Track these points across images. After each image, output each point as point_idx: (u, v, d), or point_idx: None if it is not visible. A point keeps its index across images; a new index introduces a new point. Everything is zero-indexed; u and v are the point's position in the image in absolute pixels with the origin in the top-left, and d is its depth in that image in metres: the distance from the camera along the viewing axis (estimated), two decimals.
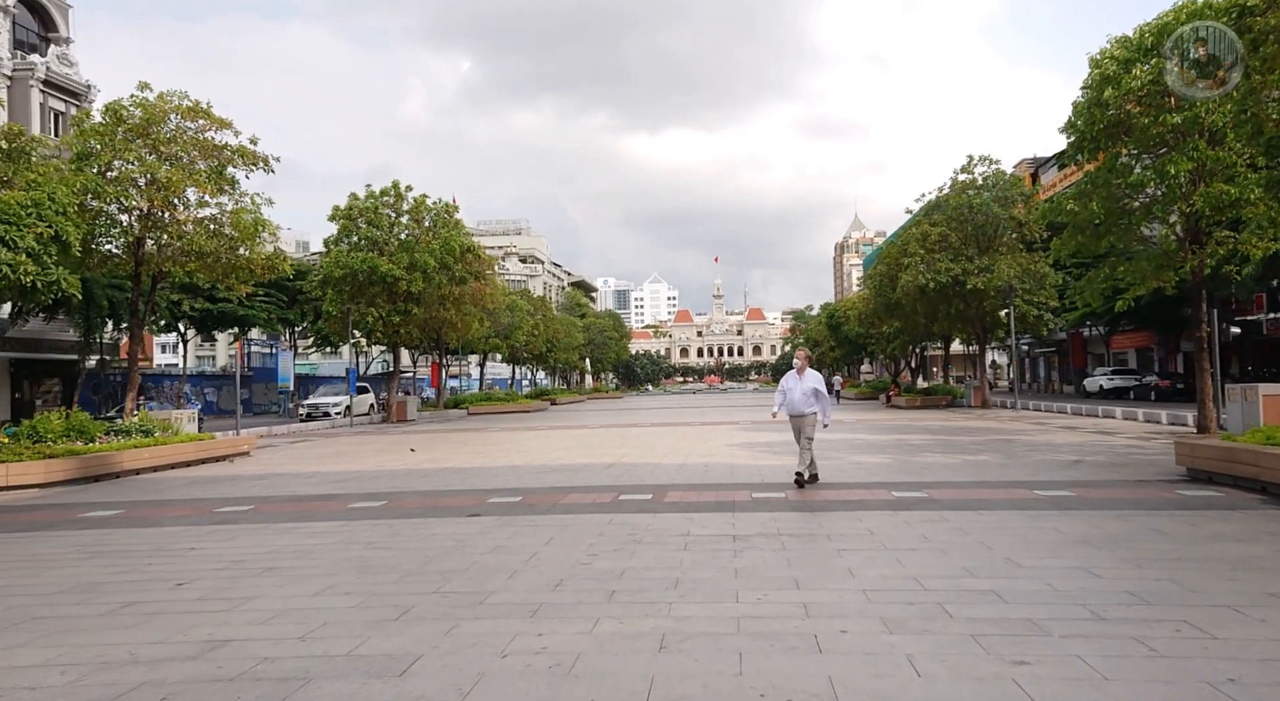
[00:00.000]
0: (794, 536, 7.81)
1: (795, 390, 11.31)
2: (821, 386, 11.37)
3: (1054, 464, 13.59)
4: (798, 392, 11.28)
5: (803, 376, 11.37)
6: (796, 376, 11.43)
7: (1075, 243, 20.40)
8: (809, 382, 11.30)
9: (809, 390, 11.24)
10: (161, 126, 20.13)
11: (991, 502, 9.59)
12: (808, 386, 11.27)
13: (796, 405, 11.27)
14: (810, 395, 11.24)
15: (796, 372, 11.48)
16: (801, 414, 11.25)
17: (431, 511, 10.04)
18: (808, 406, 11.23)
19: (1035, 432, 20.78)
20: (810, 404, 11.24)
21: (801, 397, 11.25)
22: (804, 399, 11.23)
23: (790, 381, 11.49)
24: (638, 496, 10.80)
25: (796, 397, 11.28)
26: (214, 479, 14.85)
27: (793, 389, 11.35)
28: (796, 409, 11.28)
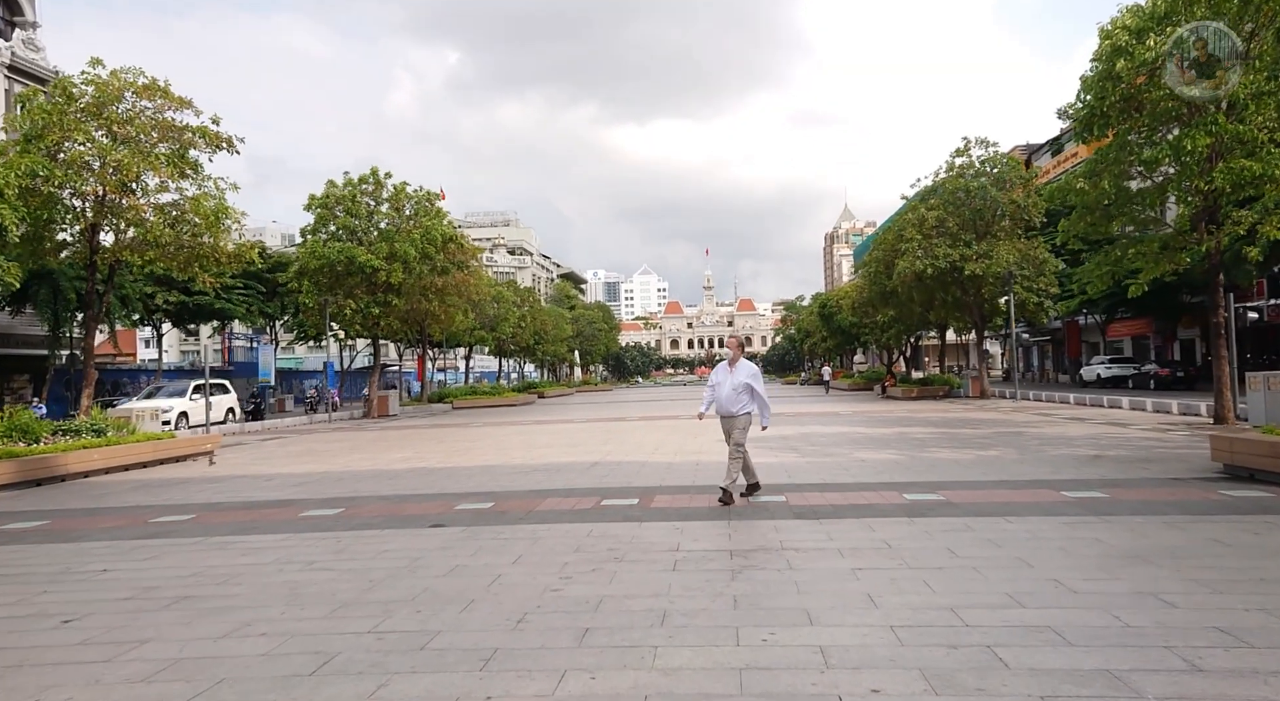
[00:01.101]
0: (800, 551, 6.77)
1: (725, 385, 9.40)
2: (758, 382, 9.39)
3: (1073, 459, 12.59)
4: (726, 388, 9.36)
5: (735, 369, 9.46)
6: (727, 369, 9.52)
7: (1084, 224, 19.41)
8: (741, 376, 9.35)
9: (740, 385, 9.31)
10: (116, 106, 18.90)
11: (1016, 506, 8.56)
12: (739, 381, 9.32)
13: (724, 404, 9.36)
14: (742, 391, 9.31)
15: (728, 364, 9.56)
16: (731, 414, 9.35)
17: (390, 521, 8.96)
18: (738, 405, 9.32)
19: (1043, 424, 19.81)
20: (742, 402, 9.31)
21: (731, 394, 9.32)
22: (734, 396, 9.32)
23: (719, 375, 9.58)
24: (622, 501, 9.74)
25: (725, 394, 9.36)
26: (165, 482, 13.72)
27: (721, 384, 9.46)
28: (725, 408, 9.39)
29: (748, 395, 9.33)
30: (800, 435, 18.75)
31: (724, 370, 9.56)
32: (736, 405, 9.32)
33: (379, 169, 35.92)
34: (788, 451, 15.07)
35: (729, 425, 9.40)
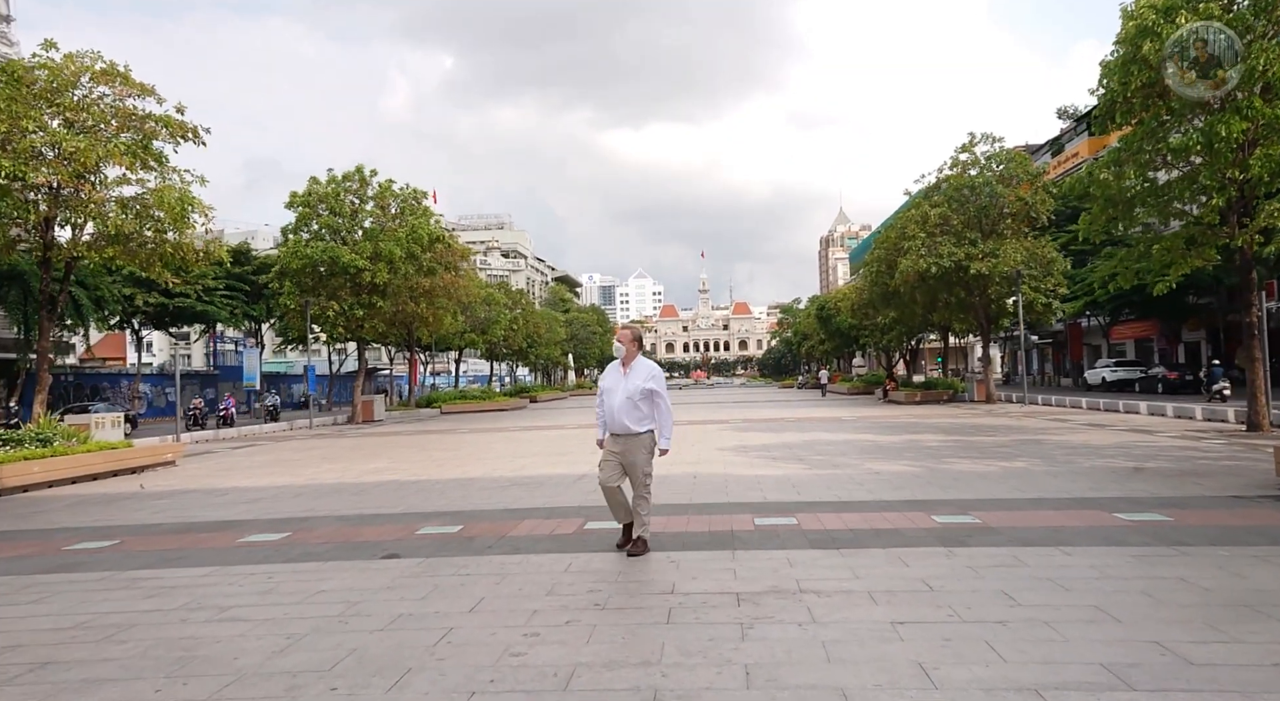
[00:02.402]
0: (822, 595, 5.53)
1: (617, 392, 6.88)
2: (660, 385, 6.95)
3: (1110, 472, 11.37)
4: (619, 396, 6.85)
5: (629, 370, 6.96)
6: (619, 371, 7.02)
7: (1106, 218, 18.21)
8: (638, 379, 6.88)
9: (637, 392, 6.82)
10: (71, 91, 17.63)
11: (1068, 533, 7.33)
12: (636, 385, 6.84)
13: (617, 417, 6.84)
14: (641, 400, 6.83)
15: (620, 364, 7.05)
16: (629, 433, 6.82)
17: (338, 550, 7.70)
18: (637, 420, 6.82)
19: (1061, 431, 18.59)
20: (640, 416, 6.85)
21: (626, 405, 6.80)
22: (629, 407, 6.81)
23: (611, 378, 7.04)
24: (609, 524, 8.46)
25: (618, 404, 6.83)
26: (108, 498, 12.45)
27: (613, 390, 6.93)
28: (618, 423, 6.85)
29: (648, 404, 6.89)
30: (804, 443, 17.52)
31: (615, 372, 7.03)
32: (634, 419, 6.82)
33: (364, 166, 34.66)
34: (793, 461, 13.84)
35: (626, 448, 6.84)
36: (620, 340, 7.19)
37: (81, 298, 34.44)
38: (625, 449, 6.87)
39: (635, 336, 7.28)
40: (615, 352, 7.17)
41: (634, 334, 7.31)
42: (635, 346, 7.16)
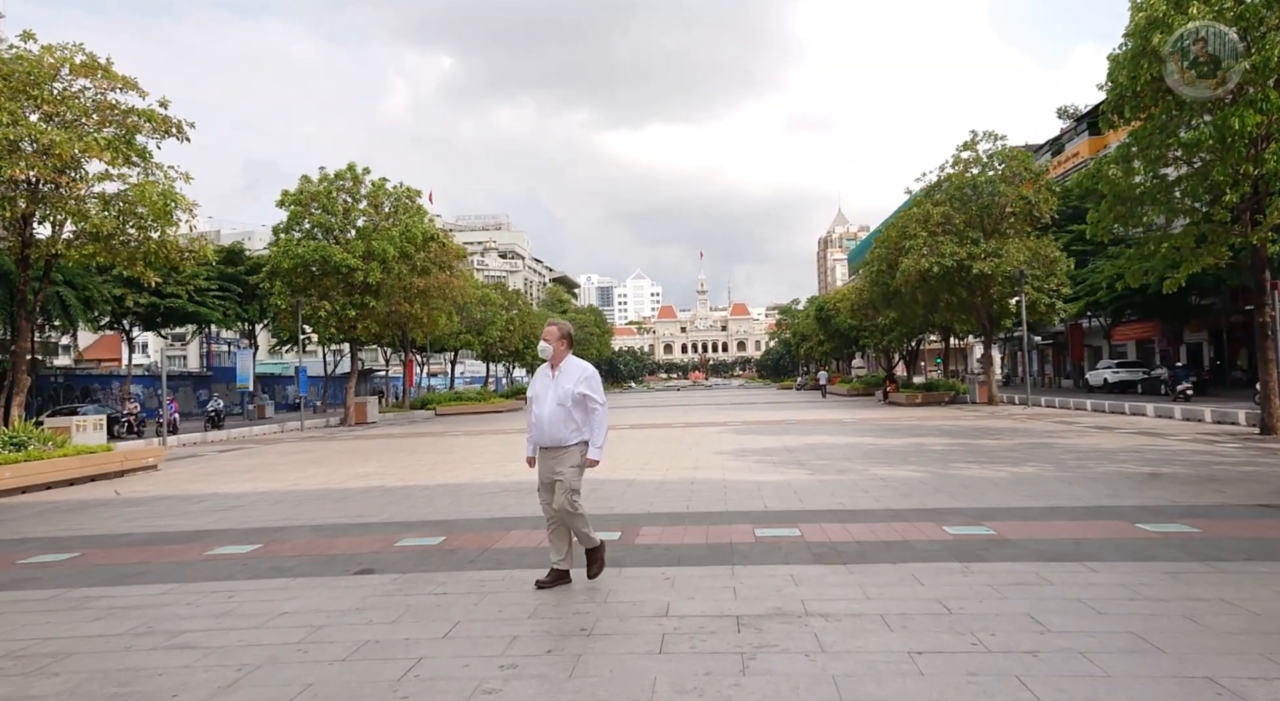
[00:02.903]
0: (831, 619, 5.03)
1: (547, 398, 5.98)
2: (594, 389, 6.00)
3: (1125, 478, 10.89)
4: (549, 403, 5.95)
5: (558, 372, 6.05)
6: (547, 374, 6.10)
7: (1114, 215, 17.74)
8: (569, 383, 5.95)
9: (568, 397, 5.90)
10: (50, 84, 17.11)
11: (1091, 546, 6.84)
12: (568, 389, 5.93)
13: (546, 428, 5.94)
14: (574, 406, 5.92)
15: (548, 366, 6.14)
16: (560, 445, 5.93)
17: (310, 564, 7.20)
18: (570, 431, 5.92)
19: (1069, 434, 18.11)
20: (573, 426, 5.92)
21: (556, 413, 5.90)
22: (559, 416, 5.90)
23: (539, 384, 6.14)
24: (601, 535, 7.91)
25: (548, 413, 5.93)
26: (80, 505, 11.94)
27: (542, 396, 6.04)
28: (546, 434, 5.95)
29: (581, 412, 5.94)
30: (805, 446, 17.03)
31: (544, 377, 6.11)
32: (566, 429, 5.89)
33: (356, 164, 34.16)
34: (794, 466, 13.35)
35: (553, 463, 5.94)
36: (546, 338, 6.13)
37: (70, 298, 33.90)
38: (553, 465, 5.94)
39: (564, 333, 6.20)
40: (541, 353, 6.13)
41: (562, 330, 6.21)
42: (564, 345, 6.15)
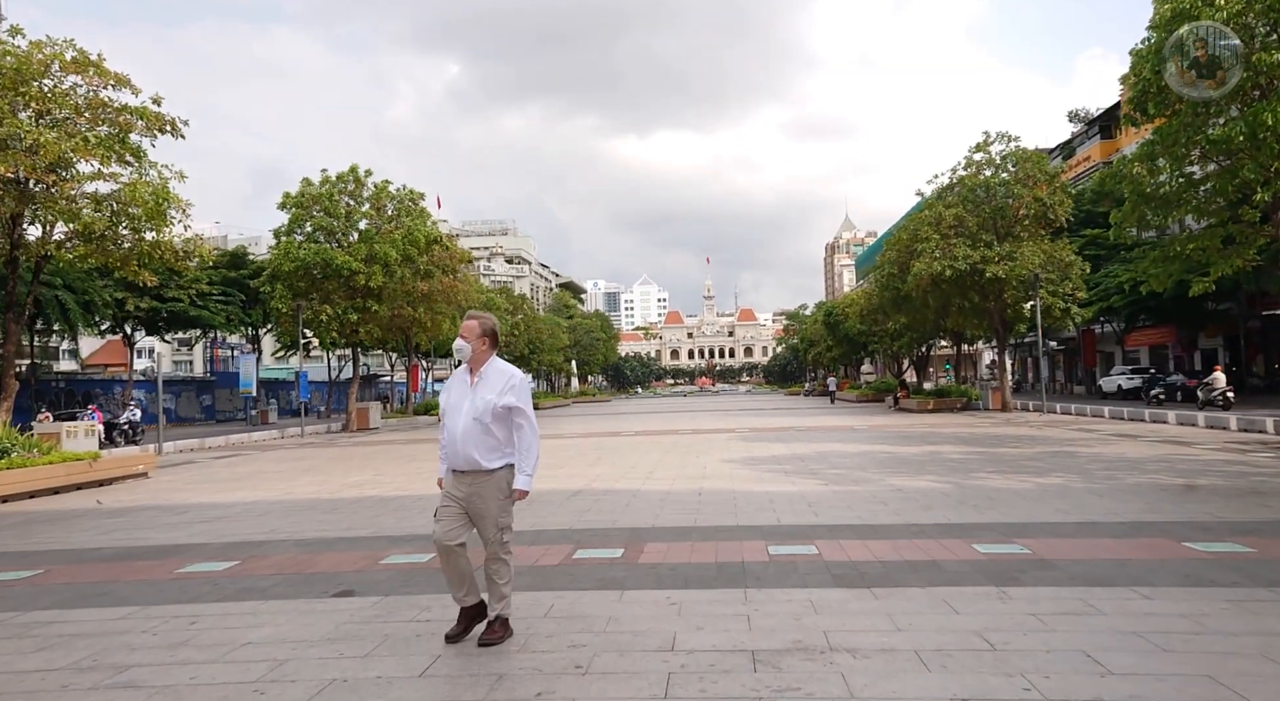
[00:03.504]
0: (859, 656, 4.45)
1: (462, 410, 4.83)
2: (522, 399, 4.84)
3: (1161, 491, 10.27)
4: (464, 417, 4.79)
5: (478, 378, 4.86)
6: (465, 379, 4.92)
7: (1138, 215, 17.13)
8: (490, 392, 4.80)
9: (489, 410, 4.76)
10: (40, 81, 16.64)
11: (1139, 569, 6.24)
12: (487, 402, 4.77)
13: (462, 448, 4.78)
14: (495, 421, 4.79)
15: (466, 369, 4.94)
16: (477, 469, 4.78)
17: (287, 583, 6.64)
18: (488, 451, 4.79)
19: (1091, 442, 17.46)
20: (493, 444, 4.81)
21: (472, 429, 4.76)
22: (477, 432, 4.76)
23: (456, 391, 4.94)
24: (601, 552, 7.43)
25: (461, 428, 4.78)
26: (60, 516, 11.42)
27: (456, 407, 4.88)
28: (464, 457, 4.79)
29: (505, 428, 4.81)
30: (816, 454, 16.44)
31: (460, 383, 4.93)
32: (484, 450, 4.76)
33: (359, 166, 33.70)
34: (806, 476, 12.75)
35: (473, 492, 4.79)
36: (464, 335, 4.85)
37: (69, 302, 33.49)
38: (472, 493, 4.77)
39: (485, 329, 4.88)
40: (457, 354, 4.85)
41: (483, 325, 4.88)
42: (486, 344, 4.87)
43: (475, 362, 4.90)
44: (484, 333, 4.91)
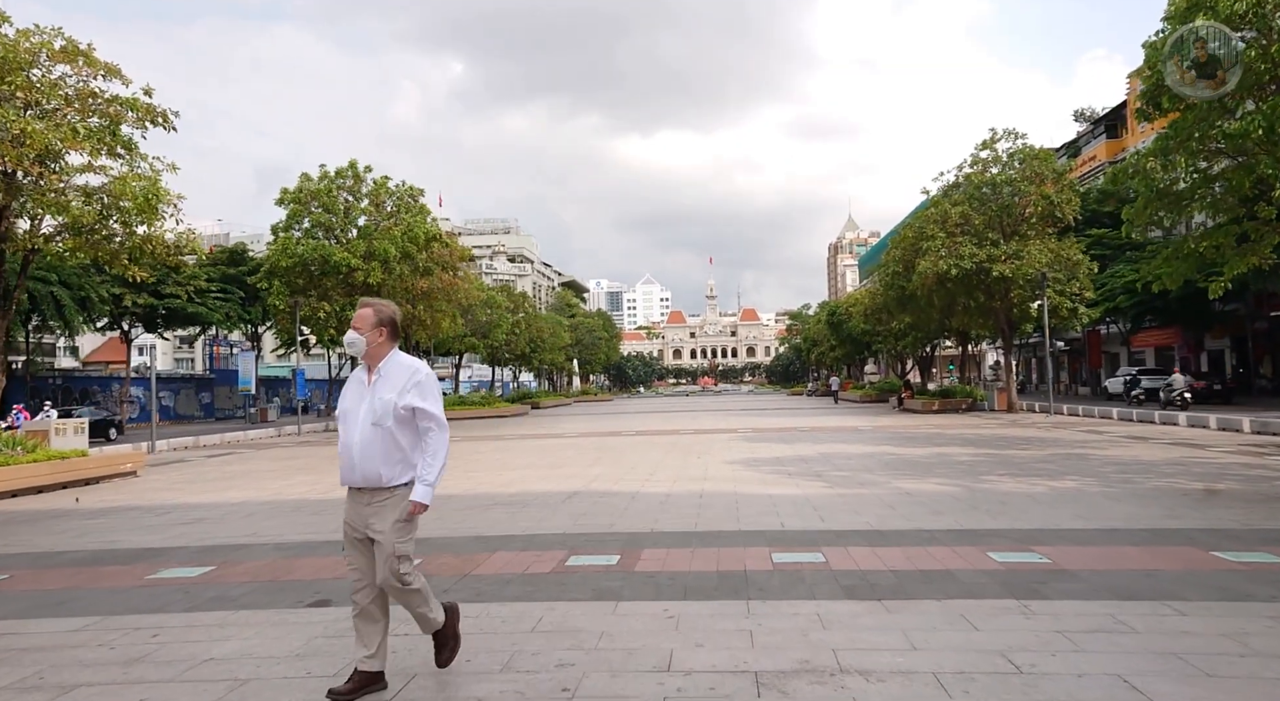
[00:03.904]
0: (872, 679, 4.06)
1: (359, 415, 4.08)
2: (428, 399, 4.08)
3: (1180, 496, 9.87)
4: (362, 422, 4.05)
5: (376, 375, 4.13)
6: (363, 378, 4.18)
7: (1150, 212, 16.71)
8: (392, 389, 4.05)
9: (389, 413, 4.01)
10: (28, 71, 16.27)
11: (1168, 581, 5.84)
12: (387, 402, 4.02)
13: (359, 459, 4.03)
14: (398, 427, 4.04)
15: (364, 369, 4.21)
16: (376, 486, 4.02)
17: (258, 591, 6.25)
18: (393, 463, 4.03)
19: (1102, 444, 17.05)
20: (397, 456, 4.05)
21: (371, 437, 4.02)
22: (376, 439, 4.02)
23: (352, 392, 4.19)
24: (596, 559, 7.04)
25: (358, 437, 4.04)
26: (37, 516, 11.04)
27: (352, 411, 4.13)
28: (359, 470, 4.03)
29: (410, 435, 4.08)
30: (820, 455, 16.04)
31: (357, 383, 4.19)
32: (387, 461, 4.01)
33: (357, 162, 33.34)
34: (810, 478, 12.36)
35: (367, 513, 4.04)
36: (357, 325, 4.11)
37: (64, 298, 33.15)
38: (370, 514, 4.01)
39: (383, 318, 4.13)
40: (348, 348, 4.14)
41: (379, 313, 4.13)
42: (383, 335, 4.12)
43: (372, 358, 4.15)
44: (381, 322, 4.15)
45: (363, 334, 4.13)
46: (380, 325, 4.15)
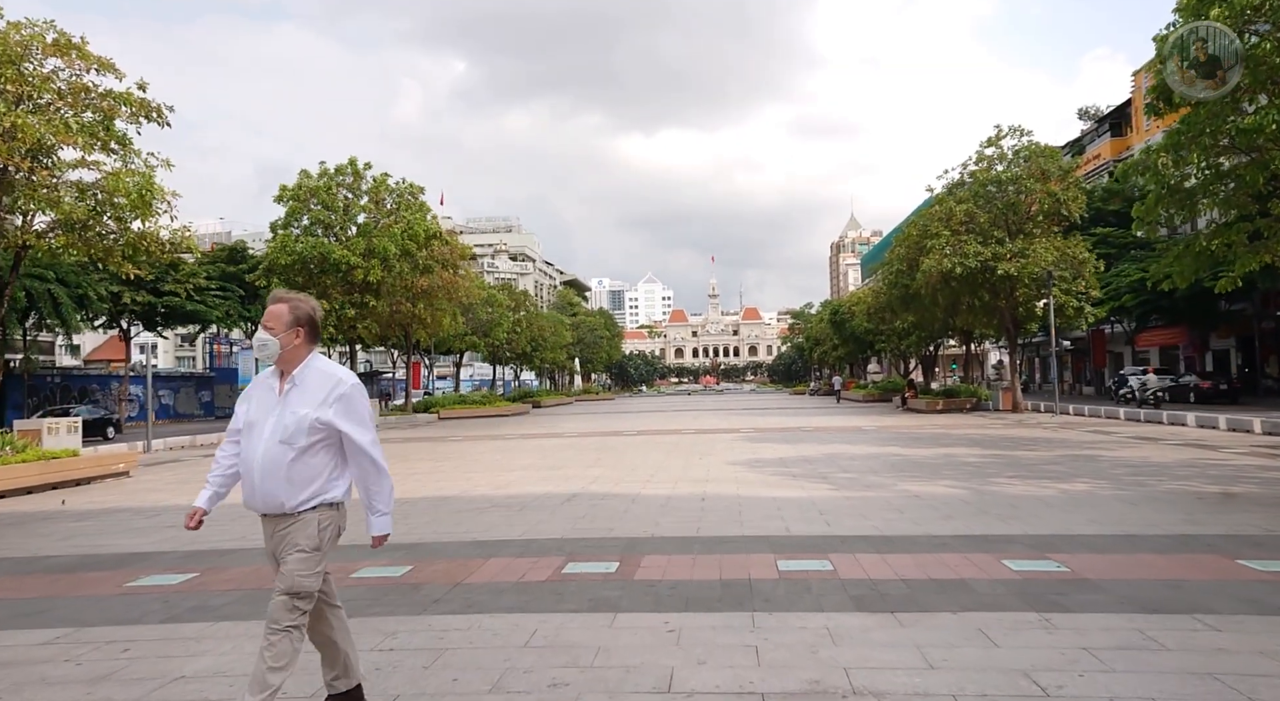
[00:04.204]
0: (886, 700, 3.79)
1: (264, 431, 3.42)
2: (353, 416, 3.49)
3: (1196, 499, 9.58)
4: (267, 438, 3.40)
5: (291, 381, 3.47)
6: (273, 384, 3.52)
7: (1161, 209, 16.41)
8: (308, 403, 3.41)
9: (302, 428, 3.38)
10: (17, 64, 16.00)
11: (1195, 592, 5.56)
12: (299, 416, 3.39)
13: (259, 480, 3.41)
14: (308, 444, 3.40)
15: (272, 369, 3.54)
16: (280, 511, 3.42)
17: (241, 601, 5.98)
18: (297, 484, 3.40)
19: (1110, 445, 16.75)
20: (307, 476, 3.42)
21: (278, 455, 3.38)
22: (283, 460, 3.38)
23: (258, 400, 3.53)
24: (594, 566, 6.76)
25: (260, 455, 3.40)
26: (23, 519, 10.78)
27: (258, 424, 3.45)
28: (260, 493, 3.42)
29: (327, 455, 3.50)
30: (824, 456, 15.76)
31: (265, 390, 3.55)
32: (292, 485, 3.41)
33: (357, 159, 33.06)
34: (815, 480, 12.08)
35: (274, 539, 3.51)
36: (268, 323, 3.44)
37: (61, 296, 32.88)
38: (278, 543, 3.46)
39: (300, 316, 3.49)
40: (257, 351, 3.45)
41: (295, 310, 3.49)
42: (300, 336, 3.48)
43: (286, 362, 3.47)
44: (298, 320, 3.46)
45: (276, 334, 3.43)
46: (298, 324, 3.47)
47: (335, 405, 3.44)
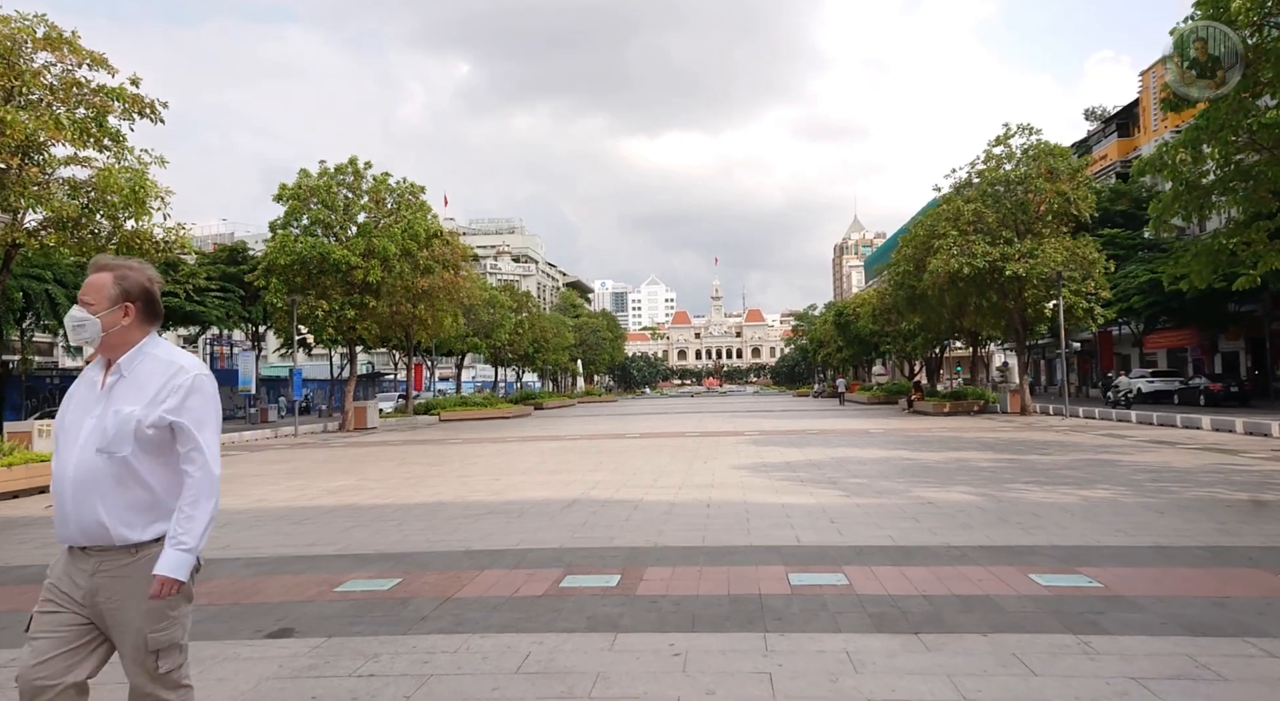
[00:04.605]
0: None
1: (78, 435, 2.62)
2: (194, 413, 2.63)
3: (1225, 507, 9.17)
4: (83, 446, 2.59)
5: (117, 371, 2.68)
6: (95, 378, 2.71)
7: (1179, 206, 15.99)
8: (134, 400, 2.61)
9: (130, 431, 2.58)
10: (6, 59, 15.64)
11: (1244, 610, 5.15)
12: (125, 417, 2.58)
13: (71, 502, 2.60)
14: (137, 452, 2.59)
15: (100, 361, 2.73)
16: (106, 545, 2.60)
17: (216, 618, 5.60)
18: (130, 508, 2.59)
19: (1127, 449, 16.32)
20: (145, 499, 2.62)
21: (99, 468, 2.57)
22: (106, 473, 2.57)
23: (79, 399, 2.71)
24: (594, 580, 6.36)
25: (73, 467, 2.59)
26: (6, 524, 10.40)
27: (73, 428, 2.64)
28: (75, 521, 2.61)
29: (159, 471, 2.65)
30: (832, 460, 15.35)
31: (89, 386, 2.72)
32: (120, 507, 2.60)
33: (358, 158, 32.70)
34: (824, 485, 11.67)
35: (101, 585, 2.63)
36: (87, 299, 2.66)
37: (59, 296, 32.54)
38: (99, 587, 2.64)
39: (129, 288, 2.70)
40: (73, 333, 2.68)
41: (123, 282, 2.70)
42: (130, 314, 2.70)
43: (111, 348, 2.69)
44: (126, 294, 2.68)
45: (96, 311, 2.64)
46: (126, 298, 2.67)
47: (169, 400, 2.62)
